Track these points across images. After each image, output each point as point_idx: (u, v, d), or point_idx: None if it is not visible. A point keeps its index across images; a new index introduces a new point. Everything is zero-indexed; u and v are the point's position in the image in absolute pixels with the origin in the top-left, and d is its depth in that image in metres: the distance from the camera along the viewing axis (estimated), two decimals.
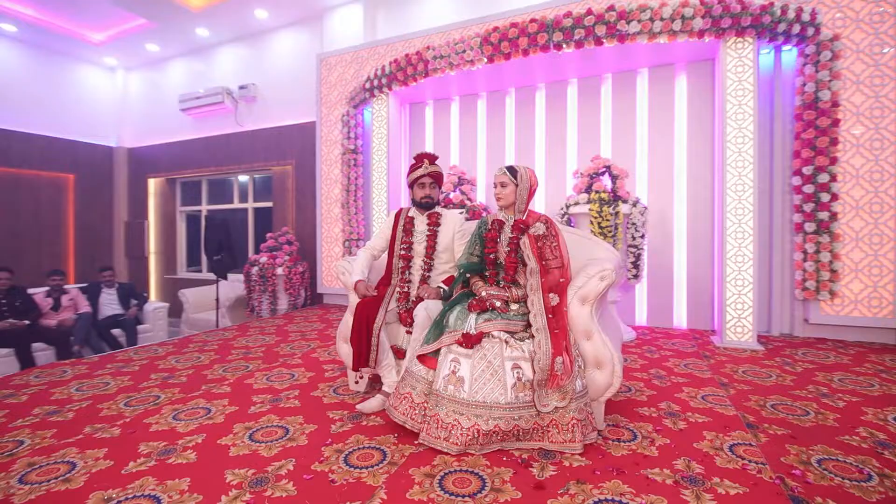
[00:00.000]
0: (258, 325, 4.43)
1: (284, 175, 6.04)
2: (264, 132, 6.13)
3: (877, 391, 2.48)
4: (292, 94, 5.94)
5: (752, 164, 3.40)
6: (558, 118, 4.49)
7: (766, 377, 2.75)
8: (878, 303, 3.42)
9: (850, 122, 3.42)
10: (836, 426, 2.04)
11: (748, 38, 3.33)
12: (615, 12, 3.24)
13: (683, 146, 4.09)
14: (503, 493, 1.53)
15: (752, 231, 3.43)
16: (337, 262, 2.63)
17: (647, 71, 4.15)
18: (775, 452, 1.79)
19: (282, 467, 1.69)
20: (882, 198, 3.37)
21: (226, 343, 3.69)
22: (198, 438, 1.93)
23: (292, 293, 5.39)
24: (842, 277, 3.49)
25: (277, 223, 6.08)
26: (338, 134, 5.36)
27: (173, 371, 2.94)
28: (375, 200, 4.76)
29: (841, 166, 3.45)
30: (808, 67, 3.45)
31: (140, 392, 2.54)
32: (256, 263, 5.35)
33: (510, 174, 2.18)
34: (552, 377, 1.83)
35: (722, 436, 1.94)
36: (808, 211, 3.53)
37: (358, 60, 5.25)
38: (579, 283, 2.04)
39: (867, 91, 3.38)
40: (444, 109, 5.00)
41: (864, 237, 3.44)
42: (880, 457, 1.75)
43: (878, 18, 3.32)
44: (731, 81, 3.42)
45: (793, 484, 1.56)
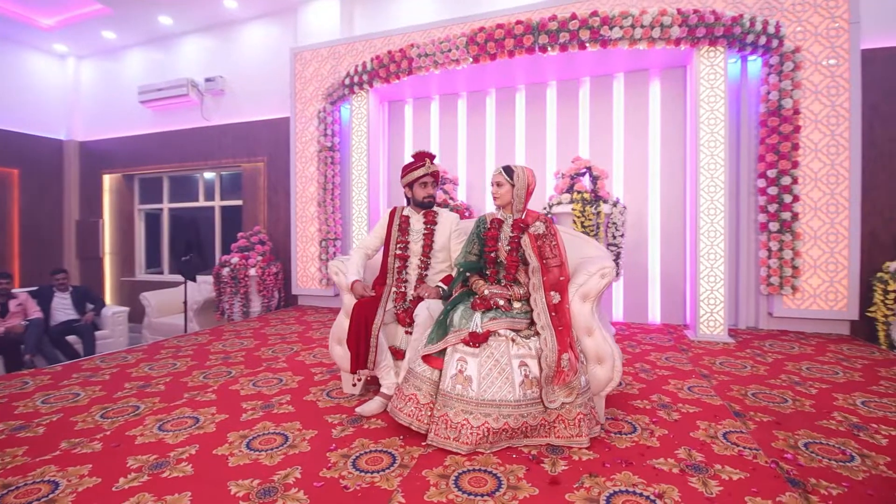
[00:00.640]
0: (232, 328, 4.25)
1: (256, 172, 5.81)
2: (234, 127, 5.88)
3: (842, 378, 2.67)
4: (264, 88, 5.73)
5: (724, 166, 3.59)
6: (538, 119, 4.57)
7: (742, 368, 2.90)
8: (834, 297, 3.69)
9: (810, 129, 3.68)
10: (814, 412, 2.18)
11: (720, 48, 3.51)
12: (598, 18, 3.34)
13: (657, 148, 4.26)
14: (520, 489, 1.54)
15: (723, 230, 3.62)
16: (330, 262, 2.56)
17: (623, 76, 4.30)
18: (765, 438, 1.90)
19: (288, 476, 1.63)
20: (838, 199, 3.65)
21: (201, 348, 3.51)
22: (191, 450, 1.82)
23: (266, 295, 5.21)
24: (802, 273, 3.75)
25: (248, 222, 5.85)
26: (314, 130, 5.22)
27: (148, 379, 2.77)
28: (355, 199, 4.67)
29: (801, 170, 3.70)
30: (772, 77, 3.68)
31: (116, 403, 2.37)
32: (227, 264, 5.12)
33: (506, 174, 2.20)
34: (558, 373, 1.86)
35: (714, 424, 2.04)
36: (772, 211, 3.76)
37: (335, 56, 5.13)
38: (580, 281, 2.08)
39: (824, 100, 3.64)
40: (424, 108, 4.98)
41: (822, 236, 3.71)
42: (857, 438, 1.89)
43: (835, 33, 3.59)
44: (703, 88, 3.60)
45: (787, 467, 1.66)
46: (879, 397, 2.35)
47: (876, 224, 3.70)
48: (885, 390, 2.46)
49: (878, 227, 3.70)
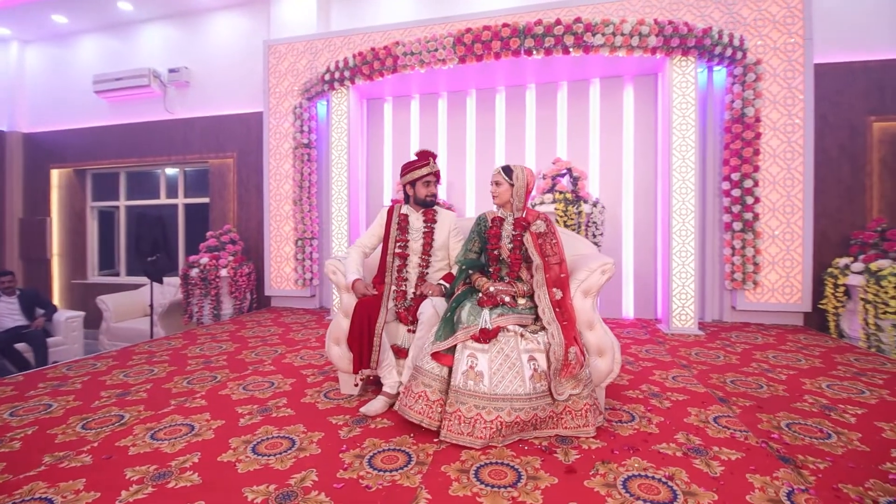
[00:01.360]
0: (206, 332, 4.06)
1: (224, 168, 5.57)
2: (200, 121, 5.61)
3: (805, 365, 2.91)
4: (234, 81, 5.50)
5: (694, 170, 3.82)
6: (517, 120, 4.67)
7: (716, 358, 3.10)
8: (790, 291, 4.01)
9: (769, 136, 3.98)
10: (787, 395, 2.37)
11: (691, 58, 3.73)
12: (582, 24, 3.46)
13: (630, 151, 4.46)
14: (541, 479, 1.58)
15: (693, 229, 3.85)
16: (326, 261, 2.51)
17: (599, 81, 4.47)
18: (751, 421, 2.05)
19: (305, 479, 1.59)
20: (793, 201, 3.97)
21: (177, 353, 3.34)
22: (193, 458, 1.74)
23: (238, 296, 5.01)
24: (762, 270, 4.04)
25: (216, 221, 5.60)
26: (289, 126, 5.07)
27: (126, 387, 2.60)
28: (335, 198, 4.58)
29: (761, 173, 3.99)
30: (736, 86, 3.95)
31: (96, 413, 2.22)
32: (196, 265, 4.88)
33: (504, 174, 2.25)
34: (566, 366, 1.92)
35: (704, 410, 2.17)
36: (736, 212, 4.03)
37: (311, 50, 5.01)
38: (581, 277, 2.16)
39: (782, 109, 3.95)
40: (404, 107, 4.96)
41: (780, 234, 4.02)
42: (829, 417, 2.08)
43: (791, 48, 3.90)
44: (676, 95, 3.81)
45: (776, 446, 1.80)
46: (840, 380, 2.59)
47: (826, 224, 4.05)
48: (844, 374, 2.70)
49: (828, 226, 4.05)
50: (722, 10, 4.03)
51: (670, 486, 1.53)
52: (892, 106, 3.91)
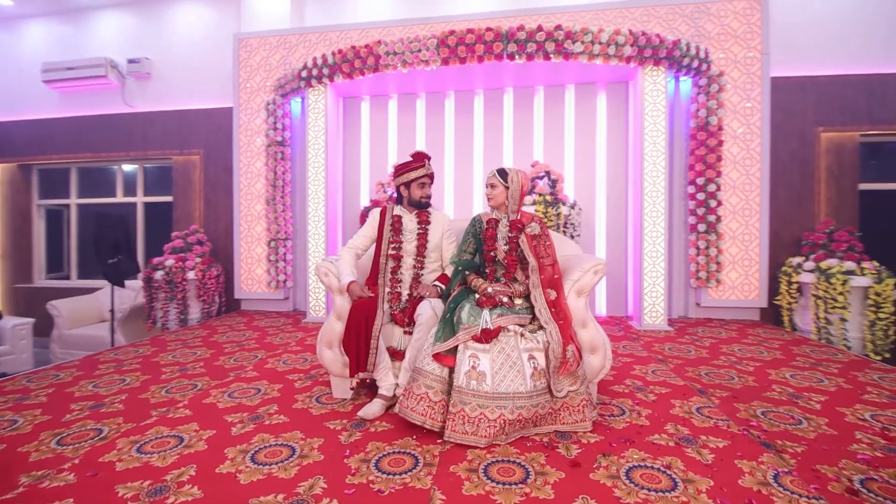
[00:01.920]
0: (175, 338, 3.86)
1: (189, 166, 5.31)
2: (163, 115, 5.31)
3: (768, 357, 3.14)
4: (200, 74, 5.25)
5: (665, 174, 4.02)
6: (495, 123, 4.74)
7: (688, 352, 3.29)
8: (748, 288, 4.30)
9: (730, 143, 4.25)
10: (757, 385, 2.55)
11: (662, 68, 3.92)
12: (563, 31, 3.56)
13: (603, 155, 4.63)
14: (548, 474, 1.63)
15: (664, 230, 4.05)
16: (318, 263, 2.45)
17: (574, 87, 4.61)
18: (730, 410, 2.19)
19: (313, 486, 1.56)
20: (751, 204, 4.26)
21: (147, 361, 3.16)
22: (189, 471, 1.67)
23: (206, 300, 4.79)
24: (724, 268, 4.31)
25: (180, 220, 5.33)
26: (261, 123, 4.91)
27: (98, 398, 2.44)
28: (312, 198, 4.47)
29: (724, 178, 4.25)
30: (700, 96, 4.19)
31: (69, 427, 2.07)
32: (161, 267, 4.63)
33: (500, 176, 2.29)
34: (564, 364, 1.98)
35: (686, 402, 2.30)
36: (700, 214, 4.28)
37: (285, 46, 4.87)
38: (575, 277, 2.23)
39: (741, 119, 4.23)
40: (382, 106, 4.91)
41: (739, 235, 4.30)
42: (797, 405, 2.26)
43: (750, 62, 4.18)
44: (648, 103, 4.00)
45: (756, 433, 1.94)
46: (801, 371, 2.81)
47: (779, 226, 4.37)
48: (803, 365, 2.94)
49: (781, 228, 4.38)
50: (688, 23, 4.26)
51: (669, 474, 1.62)
52: (837, 118, 4.28)
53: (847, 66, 4.25)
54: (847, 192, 4.30)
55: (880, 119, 4.23)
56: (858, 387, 2.50)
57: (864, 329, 3.61)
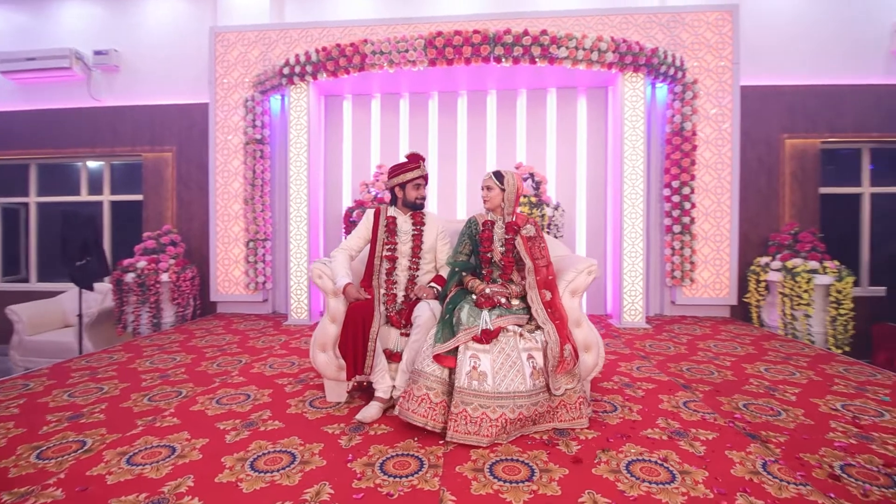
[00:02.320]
0: (151, 343, 3.70)
1: (161, 163, 5.09)
2: (133, 110, 5.07)
3: (741, 352, 3.31)
4: (173, 68, 5.04)
5: (643, 177, 4.16)
6: (479, 124, 4.77)
7: (667, 349, 3.42)
8: (719, 286, 4.51)
9: (703, 148, 4.44)
10: (736, 379, 2.69)
11: (641, 74, 4.06)
12: (548, 36, 3.63)
13: (584, 157, 4.74)
14: (552, 471, 1.66)
15: (642, 231, 4.19)
16: (311, 265, 2.42)
17: (556, 91, 4.70)
18: (714, 404, 2.30)
19: (320, 492, 1.54)
20: (722, 207, 4.46)
21: (124, 368, 3.02)
22: (186, 481, 1.61)
23: (181, 303, 4.61)
24: (697, 268, 4.50)
25: (151, 220, 5.10)
26: (239, 120, 4.77)
27: (76, 408, 2.32)
28: (294, 197, 4.37)
29: (697, 182, 4.44)
30: (676, 103, 4.36)
31: (48, 440, 1.96)
32: (132, 269, 4.42)
33: (496, 179, 2.33)
34: (561, 363, 2.03)
35: (672, 397, 2.40)
36: (676, 216, 4.45)
37: (265, 41, 4.75)
38: (569, 278, 2.29)
39: (713, 125, 4.43)
40: (364, 105, 4.86)
41: (711, 236, 4.50)
42: (774, 397, 2.39)
43: (721, 70, 4.39)
44: (627, 109, 4.13)
45: (741, 425, 2.04)
46: (774, 364, 2.97)
47: (747, 227, 4.60)
48: (775, 359, 3.11)
49: (749, 229, 4.61)
50: (665, 32, 4.43)
51: (666, 467, 1.68)
52: (800, 125, 4.54)
53: (809, 78, 4.52)
54: (809, 196, 4.57)
55: (838, 127, 4.52)
56: (827, 379, 2.67)
57: (826, 324, 3.85)
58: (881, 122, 4.44)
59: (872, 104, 4.45)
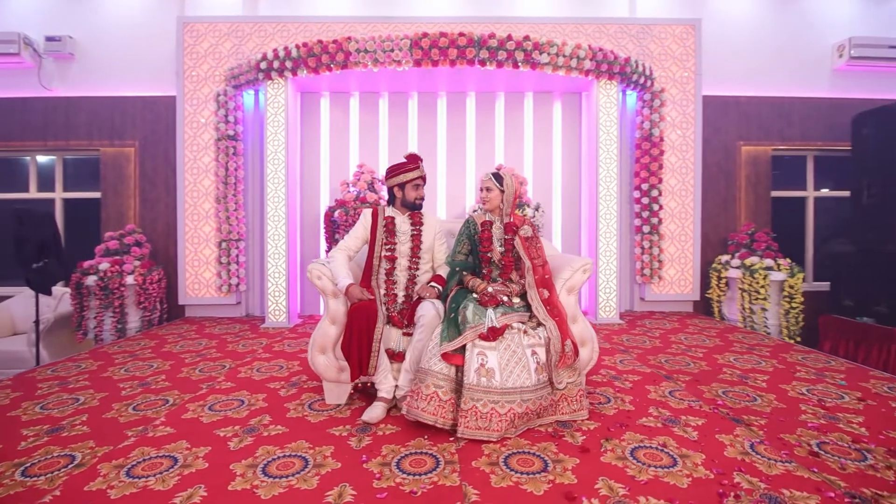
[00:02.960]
0: (120, 350, 3.49)
1: (122, 159, 4.79)
2: (90, 101, 4.73)
3: (710, 343, 3.55)
4: (135, 58, 4.75)
5: (617, 179, 4.37)
6: (458, 125, 4.82)
7: (644, 342, 3.61)
8: (684, 283, 4.80)
9: (669, 153, 4.72)
10: (710, 369, 2.89)
11: (614, 82, 4.26)
12: (531, 42, 3.74)
13: (559, 160, 4.90)
14: (565, 461, 1.74)
15: (616, 231, 4.40)
16: (310, 266, 2.37)
17: (532, 95, 4.84)
18: (696, 392, 2.47)
19: (342, 494, 1.53)
20: (686, 208, 4.76)
21: (96, 377, 2.83)
22: (199, 491, 1.55)
23: (148, 307, 4.36)
24: (664, 266, 4.78)
25: (111, 220, 4.79)
26: (210, 115, 4.57)
27: (53, 421, 2.16)
28: (271, 196, 4.24)
29: (664, 185, 4.71)
30: (645, 109, 4.61)
31: (31, 456, 1.82)
32: (93, 271, 4.14)
33: (496, 180, 2.39)
34: (563, 357, 2.11)
35: (658, 387, 2.55)
36: (645, 217, 4.70)
37: (237, 34, 4.58)
38: (566, 276, 2.38)
39: (679, 131, 4.72)
40: (342, 103, 4.79)
41: (677, 236, 4.79)
42: (748, 384, 2.60)
43: (686, 80, 4.68)
44: (602, 114, 4.32)
45: (725, 411, 2.21)
46: (741, 355, 3.22)
47: (708, 228, 4.93)
48: (741, 349, 3.36)
49: (709, 230, 4.94)
50: (635, 43, 4.66)
51: (667, 452, 1.80)
52: (755, 134, 4.92)
53: (763, 90, 4.91)
54: (762, 199, 4.96)
55: (787, 136, 4.93)
56: (790, 367, 2.92)
57: (780, 317, 4.20)
58: (824, 132, 4.89)
59: (817, 116, 4.90)
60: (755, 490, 1.52)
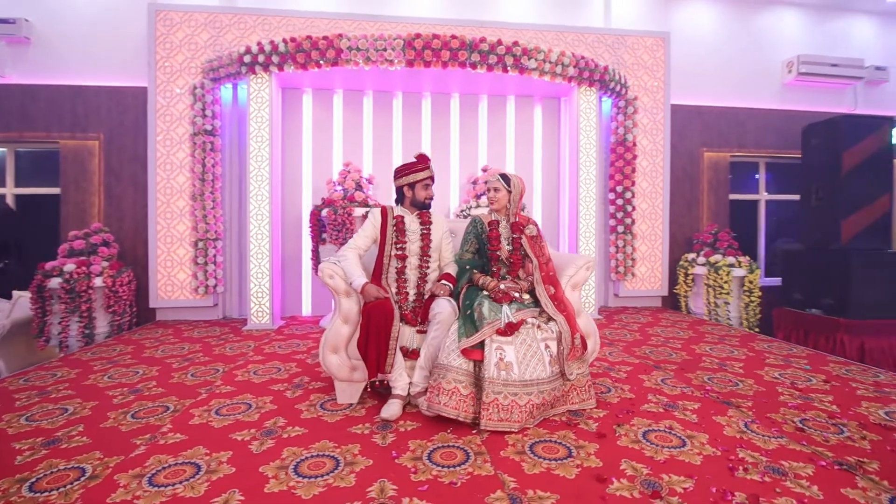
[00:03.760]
0: (94, 356, 3.28)
1: (84, 152, 4.47)
2: (48, 90, 4.37)
3: (684, 336, 3.82)
4: (101, 46, 4.44)
5: (595, 182, 4.59)
6: (443, 125, 4.88)
7: (625, 336, 3.83)
8: (653, 280, 5.12)
9: (641, 157, 5.01)
10: (691, 359, 3.12)
11: (594, 89, 4.47)
12: (520, 48, 3.86)
13: (539, 161, 5.08)
14: (586, 447, 1.85)
15: (594, 231, 4.62)
16: (321, 265, 2.35)
17: (514, 98, 4.98)
18: (685, 380, 2.67)
19: (384, 490, 1.56)
20: (656, 210, 5.07)
21: (79, 386, 2.66)
22: (235, 495, 1.52)
23: (117, 310, 4.11)
24: (637, 264, 5.06)
25: (71, 218, 4.46)
26: (185, 108, 4.36)
27: (45, 433, 2.03)
28: (254, 195, 4.12)
29: (637, 187, 5.00)
30: (619, 116, 4.87)
31: (34, 471, 1.70)
32: (57, 273, 3.85)
33: (503, 181, 2.48)
34: (573, 350, 2.23)
35: (650, 376, 2.73)
36: (619, 217, 4.96)
37: (215, 25, 4.40)
38: (570, 273, 2.51)
39: (650, 137, 5.02)
40: (326, 101, 4.72)
41: (647, 236, 5.09)
42: (727, 370, 2.84)
43: (656, 89, 4.98)
44: (583, 119, 4.52)
45: (715, 395, 2.41)
46: (714, 345, 3.49)
47: (675, 228, 5.27)
48: (713, 340, 3.65)
49: (676, 230, 5.29)
50: (610, 52, 4.91)
51: (675, 434, 1.96)
52: (716, 141, 5.32)
53: (722, 100, 5.32)
54: (721, 201, 5.37)
55: (743, 144, 5.37)
56: (759, 354, 3.21)
57: (741, 310, 4.58)
58: (775, 141, 5.37)
59: (769, 126, 5.38)
60: (759, 463, 1.70)
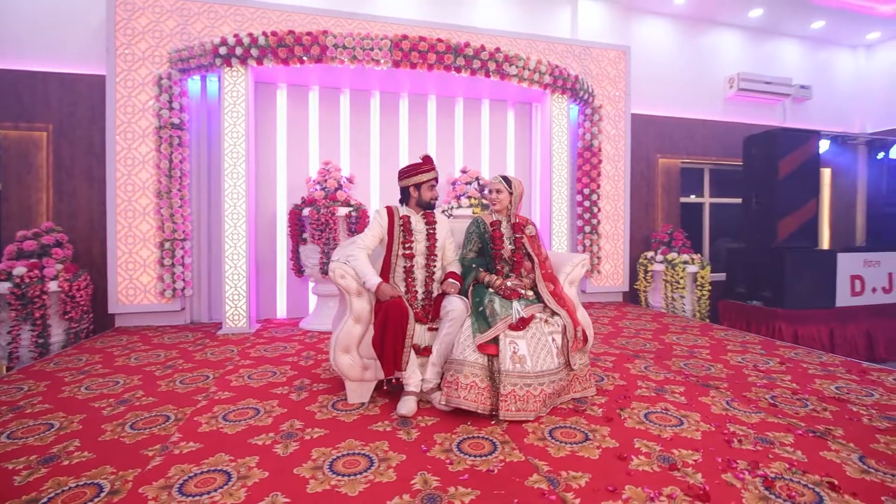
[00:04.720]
0: (61, 367, 3.01)
1: (29, 144, 4.05)
2: None
3: (652, 327, 4.15)
4: (50, 29, 4.04)
5: (567, 184, 4.85)
6: (420, 126, 4.94)
7: (599, 329, 4.09)
8: (616, 276, 5.49)
9: (605, 162, 5.35)
10: (664, 348, 3.42)
11: (565, 96, 4.73)
12: (502, 54, 4.01)
13: (512, 164, 5.28)
14: (600, 430, 2.01)
15: (566, 231, 4.89)
16: (332, 265, 2.35)
17: (489, 102, 5.13)
18: (664, 366, 2.94)
19: (427, 482, 1.61)
20: (619, 211, 5.44)
21: (54, 399, 2.44)
22: (280, 498, 1.51)
23: (74, 317, 3.78)
24: (602, 262, 5.41)
25: (14, 216, 4.03)
26: (149, 100, 4.09)
27: (39, 451, 1.87)
28: (229, 193, 3.94)
29: (601, 190, 5.33)
30: (586, 123, 5.17)
31: (41, 492, 1.58)
32: (5, 277, 3.48)
33: (505, 182, 2.61)
34: (576, 342, 2.39)
35: (633, 364, 2.97)
36: (586, 218, 5.28)
37: (182, 12, 4.15)
38: (567, 271, 2.67)
39: (612, 144, 5.37)
40: (301, 97, 4.61)
41: (611, 235, 5.45)
42: (697, 357, 3.15)
43: (618, 99, 5.34)
44: (555, 125, 4.76)
45: (694, 379, 2.68)
46: (679, 335, 3.84)
47: (634, 229, 5.68)
48: (677, 330, 4.00)
49: (635, 230, 5.70)
50: (578, 62, 5.21)
51: (672, 414, 2.17)
52: (668, 148, 5.80)
53: (674, 111, 5.81)
54: (673, 203, 5.86)
55: (691, 151, 5.90)
56: (720, 342, 3.58)
57: (693, 303, 5.04)
58: (719, 149, 5.95)
59: (714, 135, 5.94)
60: (748, 435, 1.94)
